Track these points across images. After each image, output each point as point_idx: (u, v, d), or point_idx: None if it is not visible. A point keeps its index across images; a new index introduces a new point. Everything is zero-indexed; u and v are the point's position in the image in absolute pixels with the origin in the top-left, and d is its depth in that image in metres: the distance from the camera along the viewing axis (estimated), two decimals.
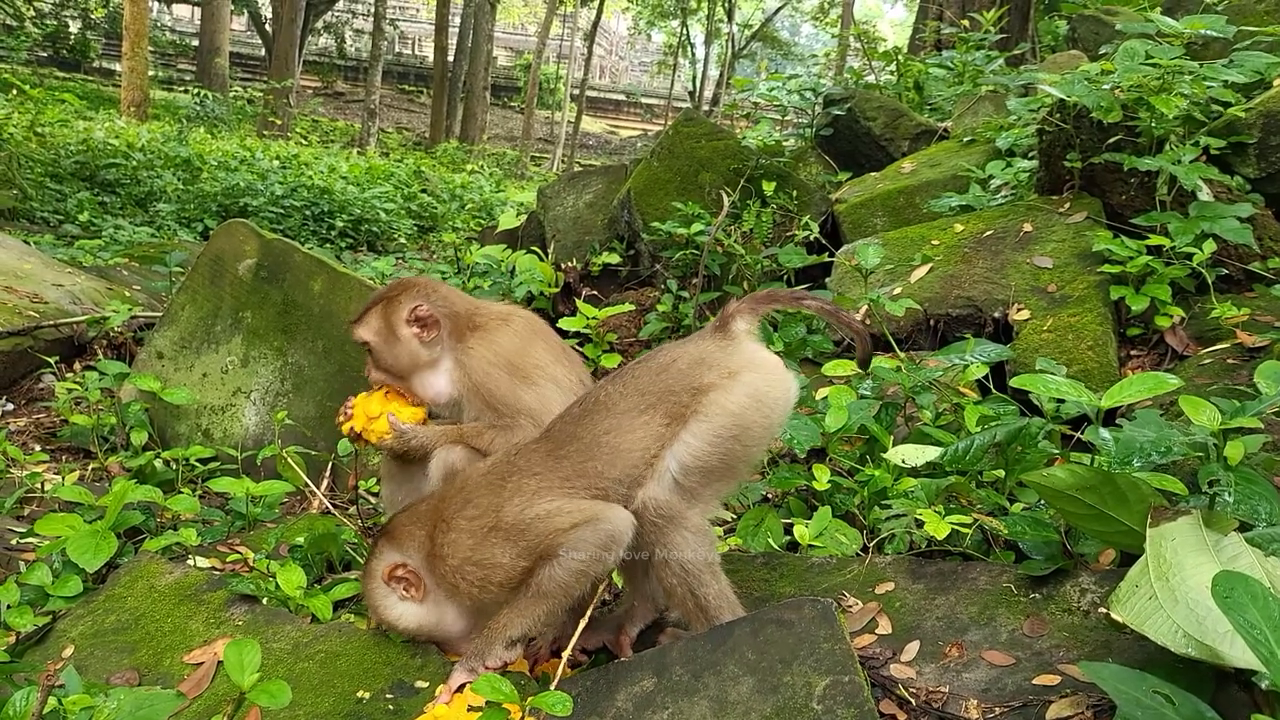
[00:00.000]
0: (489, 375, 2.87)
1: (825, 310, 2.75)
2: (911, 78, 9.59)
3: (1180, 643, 1.94)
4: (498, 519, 2.41)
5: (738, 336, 2.57)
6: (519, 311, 3.11)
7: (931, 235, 5.34)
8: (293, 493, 4.18)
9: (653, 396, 2.46)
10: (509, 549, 2.38)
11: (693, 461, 2.41)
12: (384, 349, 2.98)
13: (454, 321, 2.98)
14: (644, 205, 6.50)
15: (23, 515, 3.85)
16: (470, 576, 2.43)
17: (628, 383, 2.53)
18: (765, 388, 2.48)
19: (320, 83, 40.29)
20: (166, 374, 4.86)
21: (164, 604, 2.91)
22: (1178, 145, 4.66)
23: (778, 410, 2.52)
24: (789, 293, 2.77)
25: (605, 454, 2.43)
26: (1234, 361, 3.86)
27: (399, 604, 2.56)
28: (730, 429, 2.43)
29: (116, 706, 2.07)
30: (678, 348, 2.61)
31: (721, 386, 2.45)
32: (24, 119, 13.37)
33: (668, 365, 2.53)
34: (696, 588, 2.40)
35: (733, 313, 2.60)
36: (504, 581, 2.41)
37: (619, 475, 2.42)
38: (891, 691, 2.30)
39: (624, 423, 2.44)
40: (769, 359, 2.57)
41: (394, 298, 3.00)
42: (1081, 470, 2.33)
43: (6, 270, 6.36)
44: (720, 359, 2.50)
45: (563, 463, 2.45)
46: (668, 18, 43.40)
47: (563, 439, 2.50)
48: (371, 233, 13.53)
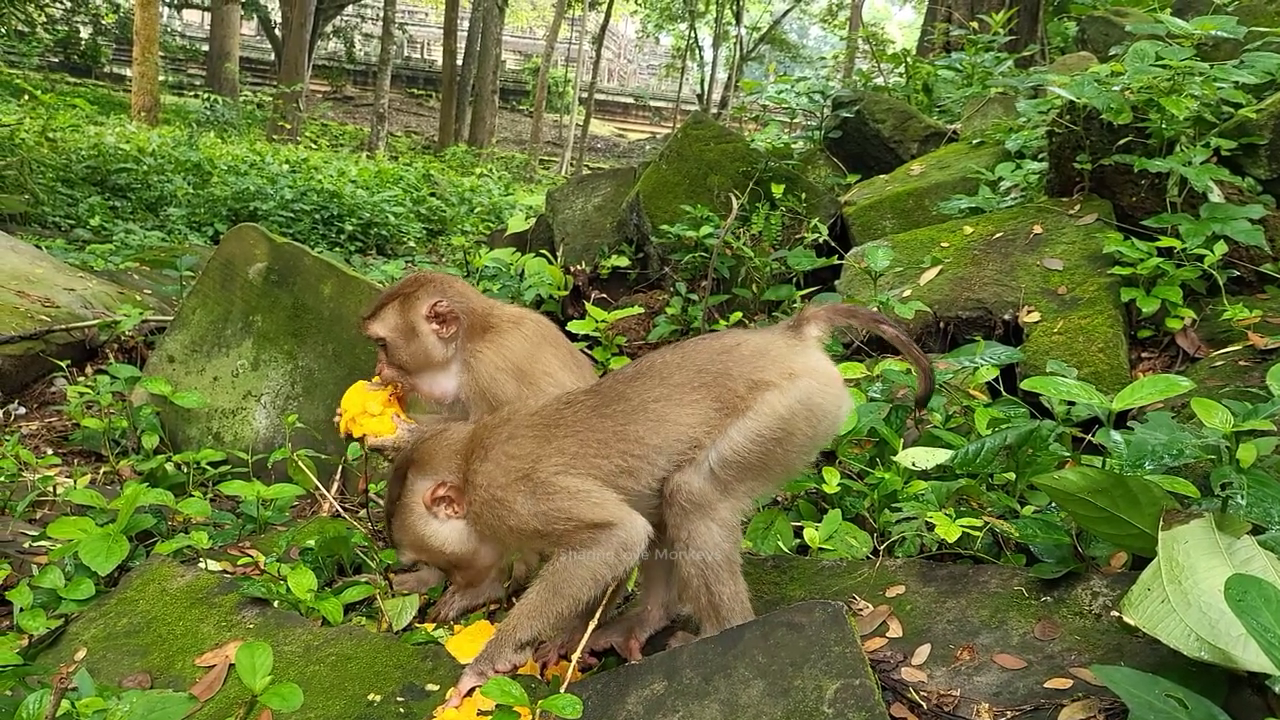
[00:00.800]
0: (495, 380, 2.86)
1: (900, 340, 2.70)
2: (920, 80, 9.58)
3: (1193, 646, 1.93)
4: (533, 469, 2.41)
5: (807, 340, 2.54)
6: (530, 315, 3.09)
7: (941, 237, 5.33)
8: (303, 496, 4.19)
9: (709, 376, 2.43)
10: (530, 503, 2.38)
11: (733, 456, 2.38)
12: (400, 345, 2.95)
13: (470, 319, 2.96)
14: (653, 208, 6.51)
15: (35, 518, 3.87)
16: (492, 509, 2.44)
17: (687, 355, 2.50)
18: (820, 398, 2.44)
19: (329, 87, 40.41)
20: (177, 377, 4.88)
21: (176, 607, 2.92)
22: (1188, 147, 4.65)
23: (826, 422, 2.48)
24: (869, 313, 2.72)
25: (649, 421, 2.40)
26: (1246, 363, 3.85)
27: (444, 526, 2.55)
28: (776, 431, 2.39)
29: (129, 709, 2.08)
30: (745, 333, 2.60)
31: (778, 387, 2.40)
32: (36, 124, 13.45)
33: (731, 348, 2.49)
34: (713, 583, 2.38)
35: (809, 316, 2.57)
36: (514, 527, 2.42)
37: (658, 444, 2.39)
38: (902, 695, 2.29)
39: (674, 394, 2.42)
40: (830, 370, 2.52)
41: (412, 293, 2.97)
42: (1093, 473, 2.32)
43: (19, 275, 6.39)
44: (784, 357, 2.46)
45: (605, 421, 2.43)
46: (676, 21, 43.43)
47: (611, 397, 2.48)
48: (381, 236, 13.55)
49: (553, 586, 2.37)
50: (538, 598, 2.38)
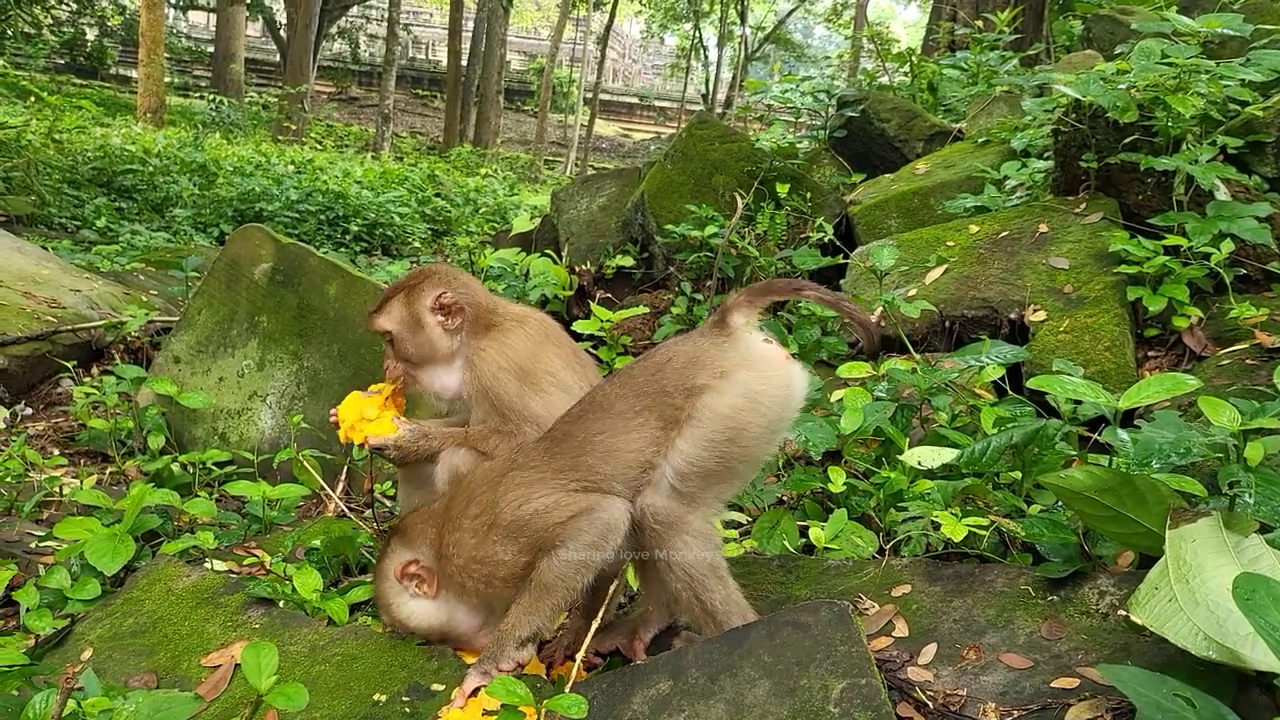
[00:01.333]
0: (498, 379, 2.85)
1: (825, 300, 2.61)
2: (925, 79, 9.56)
3: (1201, 645, 1.92)
4: (496, 516, 2.42)
5: (734, 332, 2.47)
6: (535, 314, 3.08)
7: (946, 236, 5.32)
8: (309, 496, 4.19)
9: (647, 398, 2.42)
10: (509, 546, 2.40)
11: (688, 468, 2.36)
12: (407, 337, 2.94)
13: (475, 312, 2.95)
14: (658, 208, 6.51)
15: (41, 519, 3.88)
16: (475, 574, 2.45)
17: (624, 383, 2.49)
18: (760, 385, 2.39)
19: (335, 88, 40.48)
20: (183, 378, 4.89)
21: (181, 607, 2.92)
22: (1194, 145, 4.63)
23: (776, 407, 2.41)
24: (787, 282, 2.64)
25: (599, 452, 2.40)
26: (1253, 362, 3.83)
27: (411, 602, 2.58)
28: (724, 432, 2.36)
29: (135, 709, 2.08)
30: (674, 345, 2.55)
31: (713, 388, 2.37)
32: (42, 126, 13.49)
33: (663, 365, 2.47)
34: (701, 592, 2.37)
35: (730, 307, 2.50)
36: (507, 577, 2.42)
37: (612, 473, 2.39)
38: (909, 694, 2.28)
39: (618, 424, 2.41)
40: (765, 353, 2.45)
41: (417, 285, 2.96)
42: (1100, 472, 2.32)
43: (25, 275, 6.41)
44: (714, 357, 2.42)
45: (557, 458, 2.44)
46: (680, 21, 43.42)
47: (559, 437, 2.50)
48: (386, 237, 13.57)
49: (546, 582, 2.37)
50: (534, 592, 2.39)
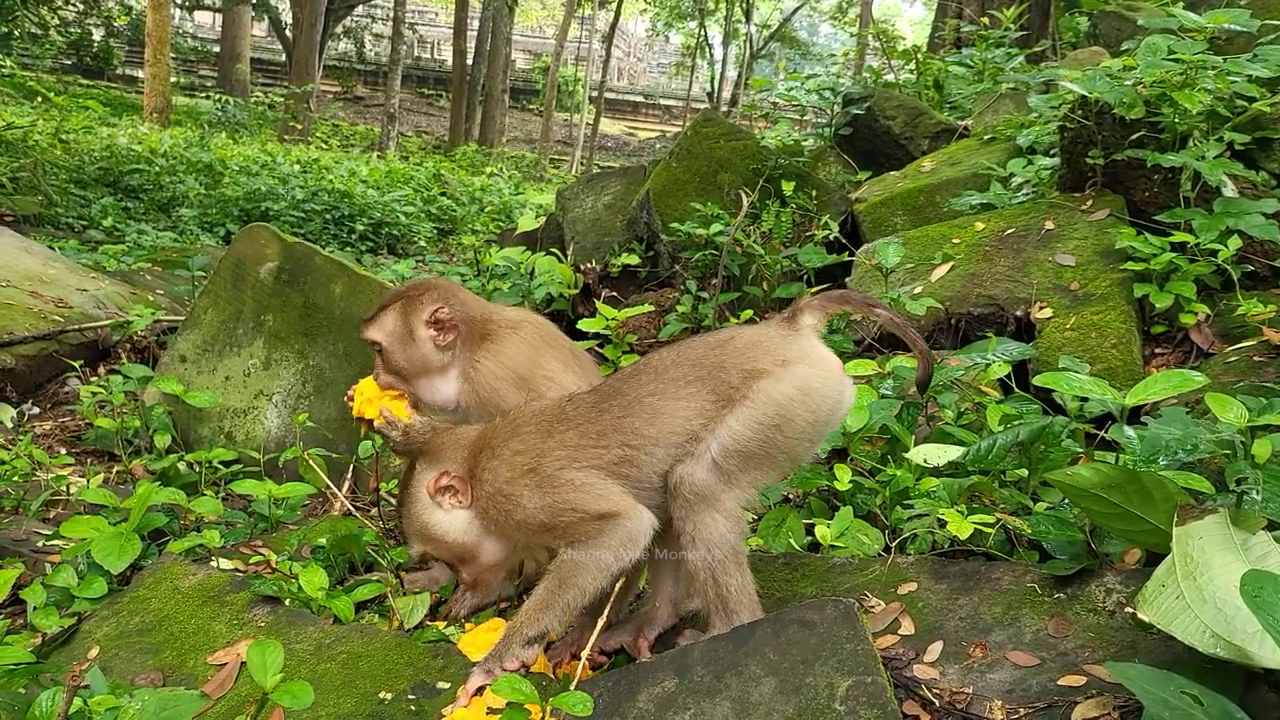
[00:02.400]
0: (496, 390, 2.83)
1: (895, 323, 2.71)
2: (931, 76, 9.55)
3: (1208, 643, 1.92)
4: (538, 463, 2.44)
5: (802, 330, 2.56)
6: (529, 318, 3.05)
7: (952, 234, 5.31)
8: (315, 495, 4.20)
9: (703, 370, 2.47)
10: (536, 496, 2.42)
11: (734, 445, 2.40)
12: (397, 350, 2.92)
13: (469, 326, 2.94)
14: (663, 206, 6.50)
15: (48, 517, 3.89)
16: (499, 505, 2.47)
17: (682, 352, 2.54)
18: (816, 383, 2.46)
19: (340, 87, 40.53)
20: (189, 377, 4.90)
21: (187, 605, 2.93)
22: (1201, 141, 4.61)
23: (825, 407, 2.48)
24: (862, 297, 2.75)
25: (645, 413, 2.44)
26: (1260, 359, 3.82)
27: (446, 516, 2.57)
28: (774, 418, 2.41)
29: (141, 707, 2.08)
30: (740, 328, 2.63)
31: (772, 374, 2.43)
32: (49, 126, 13.53)
33: (725, 342, 2.53)
34: (721, 575, 2.39)
35: (803, 307, 2.59)
36: (521, 521, 2.45)
37: (654, 435, 2.42)
38: (915, 692, 2.28)
39: (669, 389, 2.46)
40: (826, 356, 2.54)
41: (415, 298, 2.94)
42: (1106, 469, 2.31)
43: (32, 275, 6.43)
44: (777, 346, 2.49)
45: (604, 415, 2.47)
46: (685, 19, 43.39)
47: (609, 393, 2.53)
48: (392, 236, 13.59)
49: (559, 580, 2.38)
50: (545, 592, 2.39)
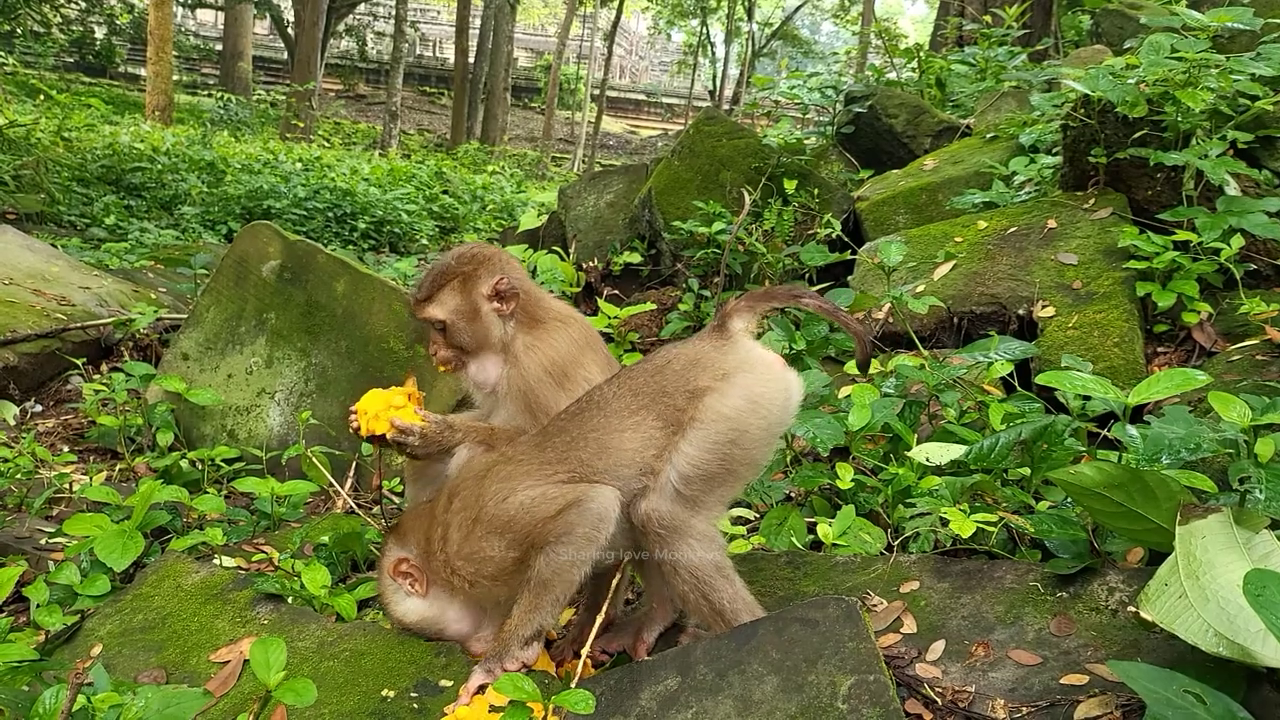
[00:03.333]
0: (540, 380, 2.79)
1: (823, 309, 2.68)
2: (933, 74, 9.53)
3: (1211, 642, 1.92)
4: (480, 511, 2.42)
5: (734, 336, 2.51)
6: (576, 315, 2.98)
7: (954, 232, 5.30)
8: (317, 492, 4.20)
9: (645, 397, 2.43)
10: (495, 541, 2.39)
11: (692, 470, 2.37)
12: (463, 326, 2.82)
13: (524, 299, 2.88)
14: (665, 204, 6.50)
15: (51, 515, 3.90)
16: (462, 571, 2.45)
17: (623, 383, 2.50)
18: (760, 389, 2.42)
19: (342, 85, 40.56)
20: (192, 375, 4.90)
21: (190, 603, 2.93)
22: (1204, 140, 4.61)
23: (775, 411, 2.45)
24: (786, 289, 2.68)
25: (592, 447, 2.40)
26: (1263, 358, 3.82)
27: (405, 599, 2.58)
28: (727, 434, 2.38)
29: (144, 704, 2.09)
30: (674, 348, 2.57)
31: (716, 390, 2.39)
32: (51, 124, 13.55)
33: (662, 366, 2.49)
34: (709, 593, 2.37)
35: (730, 311, 2.54)
36: (496, 574, 2.42)
37: (604, 468, 2.38)
38: (917, 691, 2.28)
39: (614, 421, 2.42)
40: (764, 358, 2.50)
41: (472, 272, 2.84)
42: (1109, 468, 2.31)
43: (35, 273, 6.43)
44: (715, 360, 2.45)
45: (546, 451, 2.44)
46: (687, 17, 43.36)
47: (552, 432, 2.49)
48: (394, 234, 13.59)
49: (543, 579, 2.36)
50: (532, 594, 2.38)
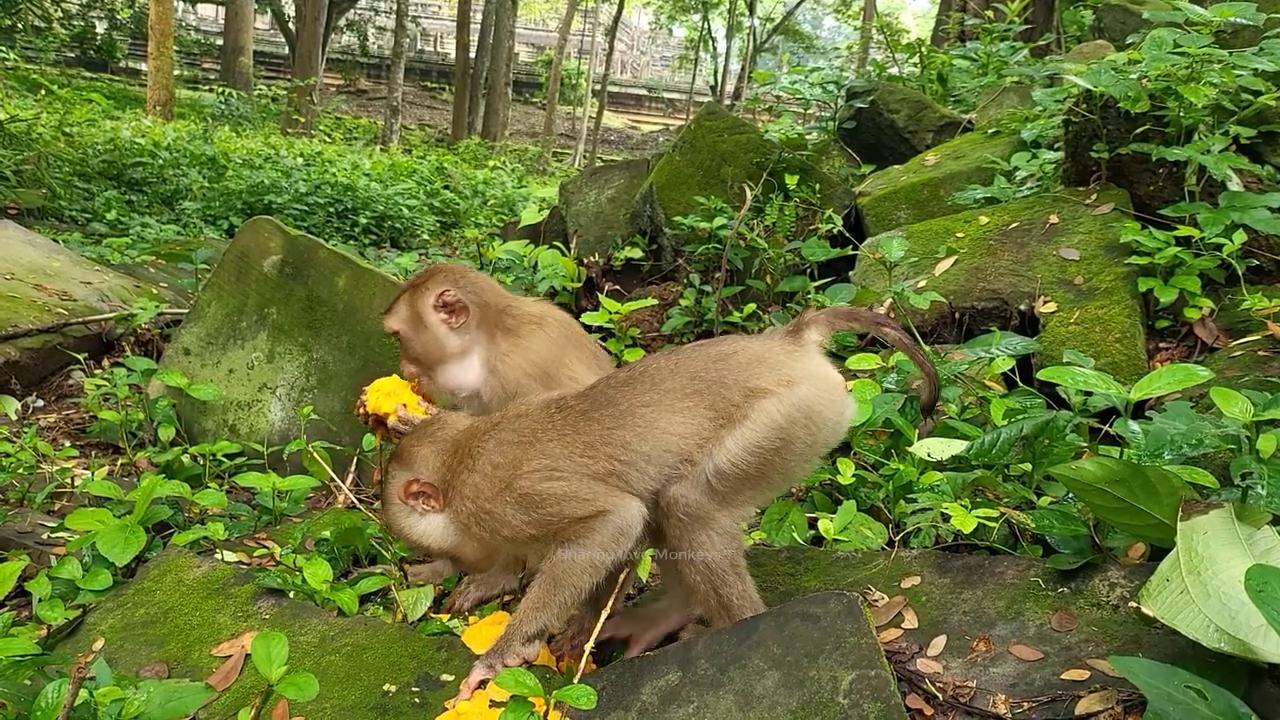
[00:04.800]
0: (522, 385, 2.81)
1: (903, 345, 2.62)
2: (935, 69, 9.52)
3: (1212, 637, 1.92)
4: (514, 478, 2.37)
5: (806, 345, 2.46)
6: (552, 312, 3.03)
7: (956, 228, 5.30)
8: (318, 487, 4.20)
9: (702, 383, 2.37)
10: (519, 513, 2.37)
11: (730, 468, 2.33)
12: (413, 337, 2.92)
13: (484, 312, 2.91)
14: (666, 200, 6.49)
15: (53, 510, 3.90)
16: (484, 523, 2.42)
17: (681, 362, 2.44)
18: (819, 405, 2.37)
19: (343, 80, 40.54)
20: (193, 370, 4.90)
21: (192, 597, 2.93)
22: (1207, 135, 4.60)
23: (827, 429, 2.41)
24: (871, 314, 2.63)
25: (638, 426, 2.35)
26: (1265, 353, 3.81)
27: (421, 521, 2.54)
28: (774, 441, 2.33)
29: (146, 698, 2.10)
30: (742, 340, 2.52)
31: (775, 395, 2.34)
32: (52, 119, 13.52)
33: (727, 356, 2.43)
34: (720, 587, 2.38)
35: (809, 321, 2.49)
36: (511, 537, 2.41)
37: (646, 451, 2.34)
38: (918, 686, 2.28)
39: (665, 400, 2.37)
40: (830, 376, 2.44)
41: (421, 284, 2.94)
42: (1111, 463, 2.31)
43: (36, 268, 6.43)
44: (781, 364, 2.39)
45: (593, 425, 2.38)
46: (689, 12, 43.31)
47: (601, 401, 2.43)
48: (395, 229, 13.59)
49: (553, 580, 2.36)
50: (540, 591, 2.38)
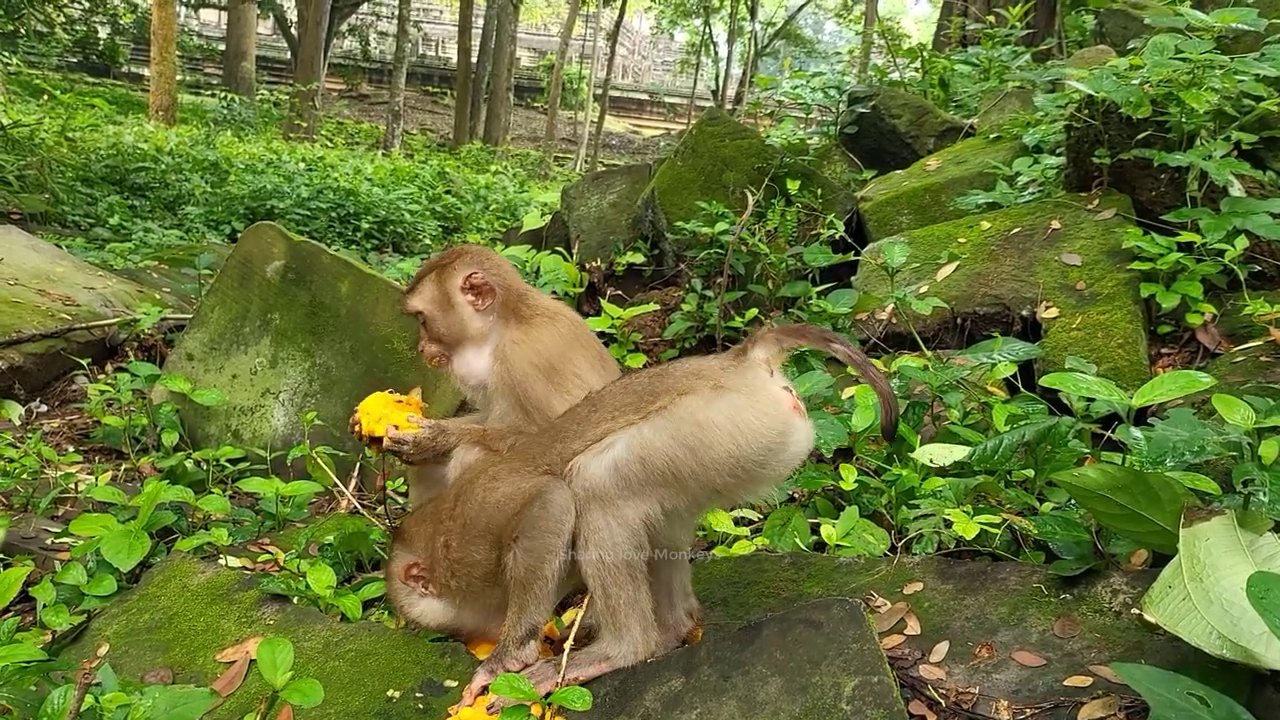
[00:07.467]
0: (527, 375, 2.82)
1: (853, 360, 2.54)
2: (936, 74, 9.53)
3: (1214, 644, 1.92)
4: (466, 516, 2.48)
5: (751, 363, 2.41)
6: (566, 311, 3.03)
7: (958, 233, 5.30)
8: (321, 493, 4.21)
9: (636, 396, 2.41)
10: (479, 544, 2.45)
11: (639, 451, 2.29)
12: (439, 317, 2.92)
13: (506, 296, 2.93)
14: (668, 205, 6.50)
15: (57, 515, 3.90)
16: (460, 575, 2.51)
17: (624, 385, 2.51)
18: (748, 415, 2.29)
19: (345, 85, 40.57)
20: (197, 375, 4.91)
21: (196, 603, 2.94)
22: (1208, 140, 4.61)
23: (756, 445, 2.29)
24: (819, 331, 2.55)
25: (576, 438, 2.41)
26: (1267, 359, 3.81)
27: (420, 601, 2.63)
28: (689, 438, 2.27)
29: (151, 704, 2.10)
30: (687, 360, 2.54)
31: (700, 394, 2.33)
32: (55, 124, 13.56)
33: (664, 372, 2.47)
34: (611, 585, 2.31)
35: (756, 339, 2.43)
36: (484, 577, 2.48)
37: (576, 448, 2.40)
38: (921, 692, 2.28)
39: (600, 414, 2.42)
40: (769, 391, 2.36)
41: (449, 264, 2.95)
42: (1113, 469, 2.31)
43: (39, 273, 6.44)
44: (716, 375, 2.37)
45: (532, 448, 2.49)
46: (690, 16, 43.31)
47: (545, 430, 2.57)
48: (397, 234, 13.60)
49: (520, 582, 2.38)
50: (515, 593, 2.41)
